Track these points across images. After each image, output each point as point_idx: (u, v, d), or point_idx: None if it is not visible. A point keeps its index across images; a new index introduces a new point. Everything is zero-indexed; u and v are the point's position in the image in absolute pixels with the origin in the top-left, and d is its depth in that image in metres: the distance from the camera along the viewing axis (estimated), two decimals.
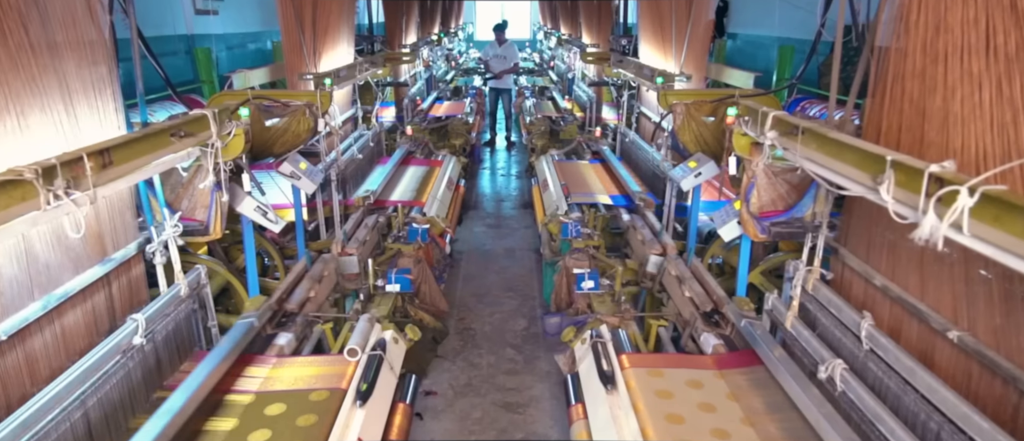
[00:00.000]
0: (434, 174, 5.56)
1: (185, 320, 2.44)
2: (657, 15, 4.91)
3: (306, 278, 3.10)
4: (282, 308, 2.84)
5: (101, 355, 1.92)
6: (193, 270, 2.57)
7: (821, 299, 2.38)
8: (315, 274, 3.17)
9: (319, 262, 3.32)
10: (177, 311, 2.39)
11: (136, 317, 2.07)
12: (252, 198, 2.90)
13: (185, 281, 2.43)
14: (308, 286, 3.04)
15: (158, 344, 2.22)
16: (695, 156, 3.89)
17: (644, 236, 3.81)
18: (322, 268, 3.26)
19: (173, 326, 2.35)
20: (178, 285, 2.40)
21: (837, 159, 1.90)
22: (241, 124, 2.65)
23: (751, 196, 2.72)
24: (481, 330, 4.98)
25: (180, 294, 2.40)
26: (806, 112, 5.09)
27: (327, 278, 3.28)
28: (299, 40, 4.40)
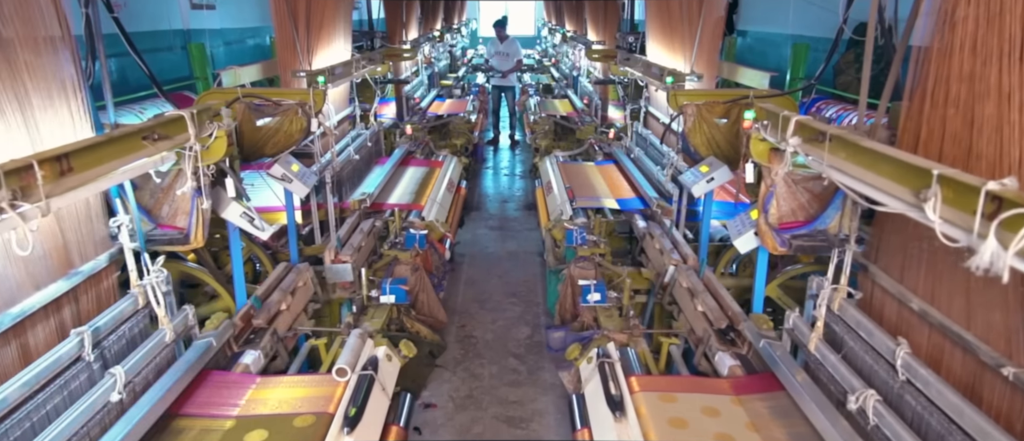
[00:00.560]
0: (434, 175, 5.38)
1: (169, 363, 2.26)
2: (666, 11, 4.71)
3: (277, 290, 2.92)
4: (249, 324, 2.67)
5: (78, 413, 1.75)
6: (182, 312, 2.39)
7: (848, 320, 2.19)
8: (287, 285, 2.99)
9: (293, 272, 3.14)
10: (161, 356, 2.22)
11: (115, 371, 1.90)
12: (238, 203, 2.72)
13: (171, 325, 2.25)
14: (279, 299, 2.86)
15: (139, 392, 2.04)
16: (707, 160, 3.70)
17: (662, 245, 3.63)
18: (296, 279, 3.08)
19: (156, 372, 2.18)
20: (163, 331, 2.22)
21: (871, 170, 1.71)
22: (223, 126, 2.47)
23: (770, 206, 2.53)
24: (483, 338, 4.80)
25: (164, 340, 2.23)
26: (822, 113, 4.89)
27: (302, 289, 3.10)
28: (292, 35, 4.22)
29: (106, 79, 2.32)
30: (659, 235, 3.81)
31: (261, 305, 2.64)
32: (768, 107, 2.43)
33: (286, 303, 2.93)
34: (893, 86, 2.03)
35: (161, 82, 6.49)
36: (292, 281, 3.09)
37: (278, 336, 2.74)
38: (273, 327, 2.75)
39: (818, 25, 6.78)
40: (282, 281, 3.10)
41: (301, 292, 3.11)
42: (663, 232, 3.88)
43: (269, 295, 2.93)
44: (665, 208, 4.18)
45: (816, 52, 5.84)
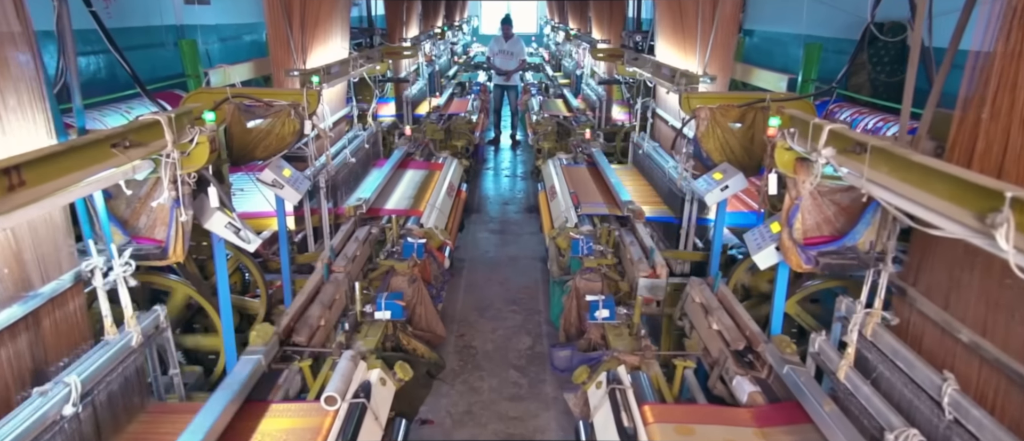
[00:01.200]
0: (434, 179, 5.19)
1: (136, 373, 2.07)
2: (677, 9, 4.51)
3: (316, 303, 2.73)
4: (290, 339, 2.48)
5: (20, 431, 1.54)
6: (150, 313, 2.20)
7: (883, 348, 2.00)
8: (326, 298, 2.80)
9: (331, 283, 2.95)
10: (126, 365, 2.02)
11: (69, 379, 1.69)
12: (222, 213, 2.53)
13: (138, 328, 2.06)
14: (318, 313, 2.68)
15: (99, 406, 1.84)
16: (721, 166, 3.51)
17: (633, 254, 3.43)
18: (334, 290, 2.89)
19: (121, 382, 1.98)
20: (129, 333, 2.02)
21: (922, 189, 1.53)
22: (206, 131, 2.28)
23: (794, 220, 2.34)
24: (482, 348, 4.63)
25: (130, 344, 2.03)
26: (835, 116, 4.70)
27: (338, 302, 2.91)
28: (286, 33, 4.03)
29: (75, 79, 2.13)
30: (630, 243, 3.62)
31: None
32: (796, 114, 2.24)
33: (325, 318, 2.74)
34: (939, 93, 1.84)
35: (154, 80, 6.31)
36: (331, 294, 2.90)
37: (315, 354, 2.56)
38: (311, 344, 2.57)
39: (828, 24, 6.59)
40: (319, 292, 2.91)
41: (337, 305, 2.92)
42: (634, 238, 3.69)
43: (307, 307, 2.74)
44: (636, 212, 3.98)
45: (829, 53, 5.64)
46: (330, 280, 3.03)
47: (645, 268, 3.26)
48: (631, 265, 3.42)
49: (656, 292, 3.23)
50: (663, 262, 3.28)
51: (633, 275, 3.35)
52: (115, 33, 6.54)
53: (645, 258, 3.39)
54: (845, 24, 6.69)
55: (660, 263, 3.26)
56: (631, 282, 3.40)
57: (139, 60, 6.83)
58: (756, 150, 3.64)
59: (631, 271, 3.42)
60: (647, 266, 3.28)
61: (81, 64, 5.71)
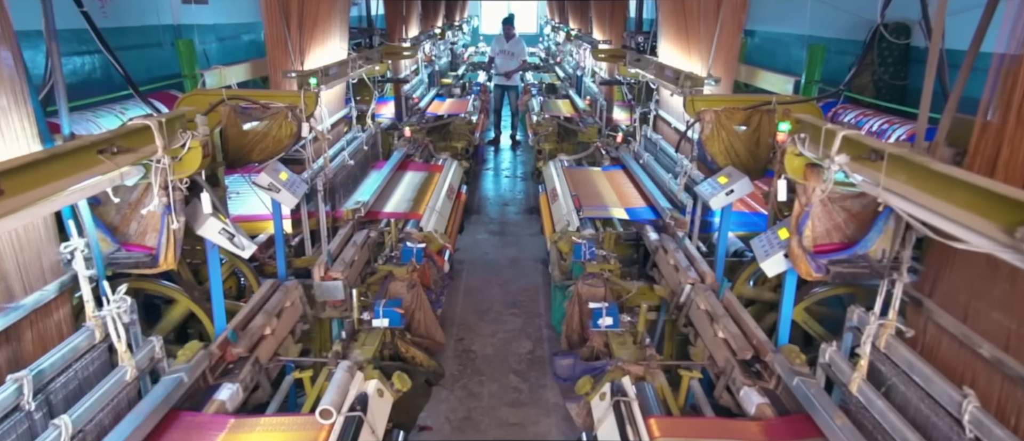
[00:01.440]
0: (433, 181, 5.12)
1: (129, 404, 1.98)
2: (681, 9, 4.44)
3: (262, 312, 2.66)
4: (227, 353, 2.40)
5: None
6: (146, 344, 2.13)
7: (898, 361, 1.93)
8: (273, 307, 2.72)
9: (280, 291, 2.88)
10: (118, 400, 1.95)
11: (60, 421, 1.62)
12: (216, 219, 2.46)
13: (132, 362, 1.99)
14: (262, 322, 2.60)
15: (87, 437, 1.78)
16: (725, 170, 3.44)
17: (677, 261, 3.36)
18: (283, 298, 2.82)
19: (112, 418, 1.90)
20: (123, 368, 1.95)
21: (944, 199, 1.46)
22: (198, 135, 2.21)
23: (804, 228, 2.28)
24: (482, 352, 4.57)
25: (124, 379, 1.96)
26: (840, 118, 4.64)
27: (290, 309, 2.84)
28: (283, 33, 3.96)
29: (60, 81, 2.06)
30: (673, 249, 3.55)
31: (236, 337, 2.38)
32: (807, 119, 2.17)
33: (271, 327, 2.67)
34: (958, 98, 1.78)
35: (150, 80, 6.22)
36: (278, 301, 2.83)
37: (260, 365, 2.49)
38: (255, 356, 2.50)
39: (830, 25, 6.52)
40: (268, 301, 2.84)
41: (288, 313, 2.85)
42: (677, 246, 3.62)
43: (252, 318, 2.67)
44: (679, 220, 3.92)
45: (833, 54, 5.57)
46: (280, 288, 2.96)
47: (693, 275, 3.19)
48: (674, 272, 3.35)
49: None
50: (710, 271, 3.21)
51: (677, 281, 3.27)
52: (110, 33, 6.47)
53: (691, 264, 3.32)
54: (847, 24, 6.62)
55: (707, 272, 3.19)
56: (672, 289, 3.33)
57: (135, 60, 6.77)
58: (761, 153, 3.57)
59: (673, 278, 3.34)
60: (695, 273, 3.21)
61: (76, 64, 5.64)
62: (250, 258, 3.95)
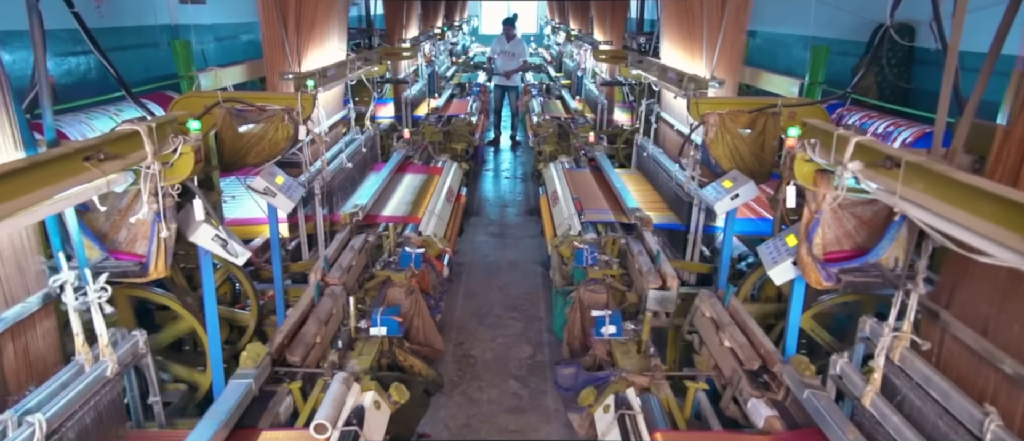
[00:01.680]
0: (433, 184, 5.05)
1: (111, 404, 1.92)
2: (685, 10, 4.37)
3: (312, 318, 2.60)
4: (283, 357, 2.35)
5: None
6: (129, 338, 2.06)
7: (913, 374, 1.87)
8: (322, 313, 2.66)
9: (328, 296, 2.81)
10: (100, 396, 1.87)
11: (33, 419, 1.54)
12: (209, 225, 2.40)
13: (114, 356, 1.91)
14: (314, 329, 2.54)
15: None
16: (730, 174, 3.38)
17: (641, 264, 3.30)
18: (331, 305, 2.75)
19: (94, 416, 1.83)
20: (105, 363, 1.88)
21: (967, 210, 1.40)
22: (190, 140, 2.14)
23: (814, 236, 2.21)
24: (482, 357, 4.50)
25: (105, 374, 1.89)
26: (844, 120, 4.58)
27: (335, 317, 2.78)
28: (280, 34, 3.89)
29: (44, 84, 1.99)
30: (638, 252, 3.48)
31: None
32: (817, 123, 2.11)
33: (321, 334, 2.60)
34: (977, 103, 1.71)
35: (147, 81, 6.15)
36: (328, 308, 2.76)
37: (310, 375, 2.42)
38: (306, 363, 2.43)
39: (832, 26, 6.45)
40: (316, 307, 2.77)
41: (334, 319, 2.79)
42: (642, 248, 3.55)
43: (302, 323, 2.60)
44: (644, 219, 3.84)
45: (837, 55, 5.50)
46: (327, 293, 2.89)
47: (655, 279, 3.13)
48: (640, 276, 3.29)
49: (666, 305, 3.10)
50: (673, 273, 3.15)
51: (642, 286, 3.22)
52: (106, 33, 6.41)
53: (654, 268, 3.25)
54: (849, 25, 6.56)
55: (670, 274, 3.12)
56: (639, 293, 3.27)
57: (132, 61, 6.70)
58: (767, 157, 3.51)
59: (639, 282, 3.28)
60: (656, 277, 3.14)
61: (71, 64, 5.58)
62: (246, 263, 3.92)
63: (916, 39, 5.89)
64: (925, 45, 5.29)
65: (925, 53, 5.31)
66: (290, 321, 2.53)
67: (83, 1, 6.02)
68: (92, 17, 6.07)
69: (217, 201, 3.48)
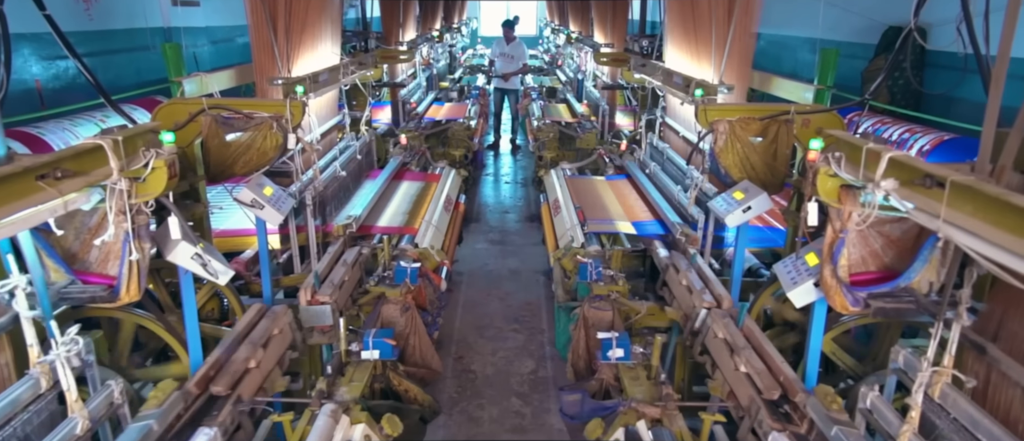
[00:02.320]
0: (430, 192, 4.88)
1: None
2: (690, 11, 4.21)
3: (246, 343, 2.42)
4: (206, 391, 2.17)
5: None
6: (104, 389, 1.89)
7: (956, 413, 1.70)
8: (259, 336, 2.48)
9: (267, 317, 2.64)
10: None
11: None
12: (188, 244, 2.23)
13: (85, 413, 1.74)
14: (246, 355, 2.36)
15: None
16: (741, 185, 3.22)
17: (690, 282, 3.13)
18: (270, 326, 2.58)
19: None
20: (73, 420, 1.71)
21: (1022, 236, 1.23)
22: (164, 153, 1.98)
23: (839, 257, 2.05)
24: (482, 373, 4.34)
25: (74, 432, 1.71)
26: (854, 127, 4.41)
27: (278, 338, 2.60)
28: (269, 37, 3.73)
29: None
30: (685, 269, 3.31)
31: None
32: (843, 135, 1.95)
33: (256, 359, 2.42)
34: None
35: (140, 85, 5.97)
36: (265, 330, 2.59)
37: (243, 405, 2.25)
38: (237, 393, 2.26)
39: (838, 28, 6.29)
40: (253, 329, 2.60)
41: (276, 343, 2.61)
42: (689, 265, 3.38)
43: (235, 350, 2.43)
44: (690, 236, 3.69)
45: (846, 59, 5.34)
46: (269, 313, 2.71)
47: (708, 298, 2.95)
48: (687, 294, 3.11)
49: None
50: (726, 293, 2.97)
51: (690, 305, 3.04)
52: (96, 36, 6.23)
53: (705, 286, 3.08)
54: (857, 27, 6.40)
55: (724, 294, 2.95)
56: (686, 311, 3.09)
57: (123, 64, 6.53)
58: (779, 166, 3.34)
59: (688, 300, 3.11)
60: (710, 297, 2.97)
61: (58, 68, 5.42)
62: (234, 277, 3.75)
63: (928, 41, 5.74)
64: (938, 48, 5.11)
65: (938, 56, 5.15)
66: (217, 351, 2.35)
67: (71, 3, 5.86)
68: (81, 20, 5.92)
69: (203, 214, 3.32)
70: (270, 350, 2.54)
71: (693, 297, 3.06)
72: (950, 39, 2.79)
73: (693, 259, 3.35)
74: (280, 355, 2.59)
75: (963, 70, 3.03)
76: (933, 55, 5.23)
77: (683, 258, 3.47)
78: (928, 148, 3.93)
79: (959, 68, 4.46)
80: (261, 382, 2.44)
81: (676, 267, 3.40)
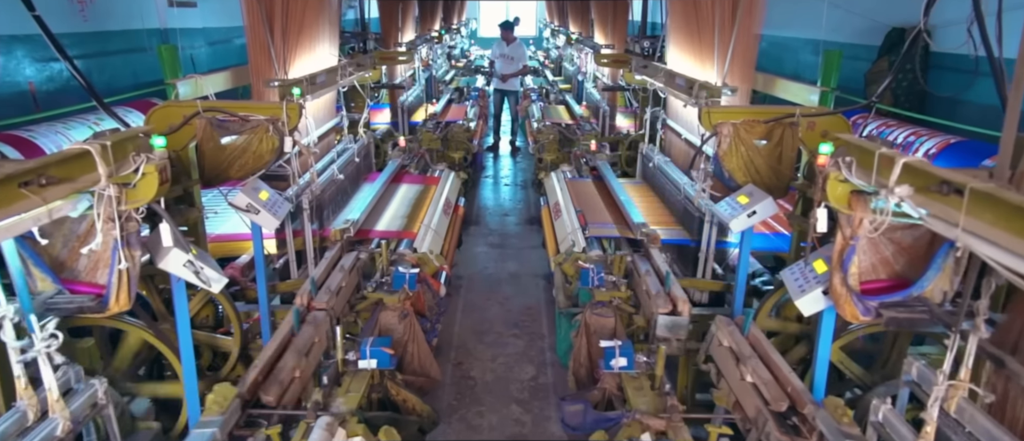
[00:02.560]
0: (429, 195, 4.82)
1: None
2: (693, 12, 4.15)
3: (291, 350, 2.35)
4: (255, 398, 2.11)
5: None
6: (87, 387, 1.83)
7: (974, 429, 1.64)
8: (302, 344, 2.42)
9: (309, 324, 2.57)
10: None
11: None
12: (180, 250, 2.17)
13: (66, 412, 1.68)
14: (293, 363, 2.30)
15: None
16: (746, 189, 3.15)
17: (649, 285, 3.07)
18: (313, 333, 2.51)
19: None
20: (54, 420, 1.65)
21: None
22: (155, 158, 1.92)
23: (850, 265, 1.99)
24: (482, 379, 4.28)
25: (55, 433, 1.66)
26: (858, 129, 4.35)
27: (318, 345, 2.54)
28: (266, 38, 3.67)
29: None
30: (645, 272, 3.25)
31: None
32: (853, 140, 1.89)
33: (300, 368, 2.36)
34: None
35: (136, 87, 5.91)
36: (308, 337, 2.52)
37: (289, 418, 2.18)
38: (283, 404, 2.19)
39: (840, 29, 6.24)
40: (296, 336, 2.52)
41: (317, 348, 2.55)
42: (649, 267, 3.32)
43: (280, 356, 2.36)
44: (651, 235, 3.61)
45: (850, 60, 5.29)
46: (308, 320, 2.65)
47: (664, 303, 2.90)
48: (648, 298, 3.06)
49: (677, 331, 2.88)
50: (685, 296, 2.92)
51: (650, 310, 2.99)
52: (91, 37, 6.17)
53: (664, 291, 3.02)
54: (859, 28, 6.34)
55: (682, 298, 2.89)
56: (648, 317, 3.04)
57: (119, 66, 6.46)
58: (784, 170, 3.28)
59: (647, 305, 3.06)
60: (666, 300, 2.92)
61: (53, 71, 5.36)
62: (230, 283, 3.69)
63: (934, 42, 5.68)
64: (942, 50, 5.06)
65: (942, 58, 5.09)
66: (265, 354, 2.29)
67: (65, 4, 5.80)
68: (76, 21, 5.86)
69: (197, 219, 3.26)
70: (312, 357, 2.48)
71: (651, 301, 2.99)
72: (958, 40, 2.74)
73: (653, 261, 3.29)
74: (317, 364, 2.54)
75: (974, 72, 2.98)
76: (937, 56, 5.17)
77: (644, 260, 3.41)
78: (934, 151, 3.87)
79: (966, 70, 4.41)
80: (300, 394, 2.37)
81: (637, 270, 3.34)
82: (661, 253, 3.52)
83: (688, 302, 2.89)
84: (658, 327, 2.86)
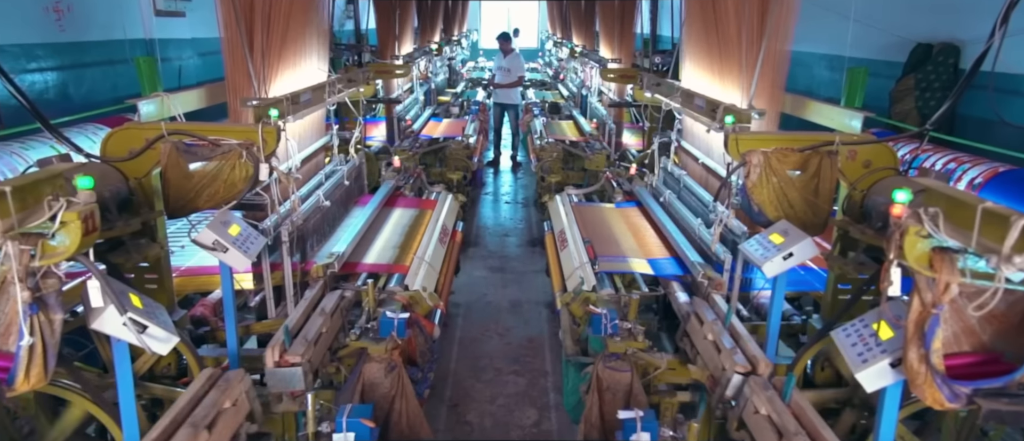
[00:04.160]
0: (424, 221, 4.45)
1: None
2: (714, 26, 3.79)
3: (186, 425, 1.97)
4: None
5: None
6: None
7: None
8: (200, 417, 2.03)
9: (215, 389, 2.20)
10: None
11: None
12: (116, 309, 1.79)
13: None
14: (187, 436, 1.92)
15: None
16: (779, 226, 2.78)
17: (718, 337, 2.69)
18: (219, 399, 2.14)
19: None
20: None
21: None
22: (78, 205, 1.55)
23: (933, 340, 1.62)
24: (479, 423, 3.91)
25: None
26: None
27: (229, 414, 2.16)
28: (243, 52, 3.32)
29: None
30: (711, 321, 2.87)
31: None
32: (942, 188, 1.52)
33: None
34: None
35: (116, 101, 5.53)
36: (212, 404, 2.15)
37: None
38: None
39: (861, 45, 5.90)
40: (199, 403, 2.15)
41: (226, 419, 2.17)
42: (716, 316, 2.94)
43: (173, 433, 1.99)
44: (714, 279, 3.25)
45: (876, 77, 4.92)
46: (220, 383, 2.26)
47: (741, 361, 2.50)
48: (714, 353, 2.67)
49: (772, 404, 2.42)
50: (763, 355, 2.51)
51: (717, 365, 2.60)
52: (69, 48, 5.79)
53: (736, 346, 2.62)
54: (882, 45, 6.00)
55: (762, 358, 2.48)
56: (713, 375, 2.64)
57: (97, 79, 6.08)
58: (821, 205, 2.92)
59: (714, 361, 2.66)
60: (744, 359, 2.52)
61: (24, 84, 5.00)
62: (200, 322, 3.31)
63: (963, 60, 5.34)
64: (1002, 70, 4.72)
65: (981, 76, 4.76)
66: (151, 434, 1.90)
67: (41, 14, 5.44)
68: (52, 32, 5.52)
69: (160, 255, 2.89)
70: (220, 427, 2.10)
71: (722, 357, 2.62)
72: None
73: (727, 315, 2.90)
74: (233, 433, 2.15)
75: None
76: None
77: (707, 307, 3.03)
78: (981, 182, 3.51)
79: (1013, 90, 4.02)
80: None
81: (699, 318, 2.96)
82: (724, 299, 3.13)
83: (770, 364, 2.49)
84: (728, 387, 2.47)
